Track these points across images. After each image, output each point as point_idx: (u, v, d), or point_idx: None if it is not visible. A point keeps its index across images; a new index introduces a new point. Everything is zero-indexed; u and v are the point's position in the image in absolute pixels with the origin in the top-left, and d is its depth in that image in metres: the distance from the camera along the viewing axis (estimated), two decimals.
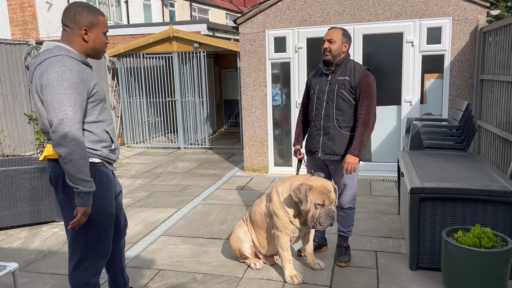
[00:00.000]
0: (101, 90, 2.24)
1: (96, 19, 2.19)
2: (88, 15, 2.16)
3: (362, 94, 3.17)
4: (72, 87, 2.02)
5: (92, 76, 2.19)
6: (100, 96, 2.22)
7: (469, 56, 5.54)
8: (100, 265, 2.34)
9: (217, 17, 24.83)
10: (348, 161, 3.14)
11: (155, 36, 8.45)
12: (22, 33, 13.72)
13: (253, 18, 6.21)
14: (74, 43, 2.19)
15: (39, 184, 4.30)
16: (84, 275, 2.28)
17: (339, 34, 3.20)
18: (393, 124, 5.97)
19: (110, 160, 2.32)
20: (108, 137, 2.27)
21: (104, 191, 2.26)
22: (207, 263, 3.47)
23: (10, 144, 7.50)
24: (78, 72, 2.07)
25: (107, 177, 2.29)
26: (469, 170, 3.38)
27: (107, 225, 2.31)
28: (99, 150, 2.22)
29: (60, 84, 2.00)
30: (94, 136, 2.20)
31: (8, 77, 7.47)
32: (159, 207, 4.98)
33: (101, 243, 2.30)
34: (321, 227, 2.89)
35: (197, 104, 8.73)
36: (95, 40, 2.21)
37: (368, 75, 3.18)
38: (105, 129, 2.26)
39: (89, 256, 2.27)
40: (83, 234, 2.23)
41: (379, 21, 5.74)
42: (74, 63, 2.09)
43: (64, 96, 2.00)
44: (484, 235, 2.70)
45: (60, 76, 2.01)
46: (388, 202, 4.86)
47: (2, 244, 3.99)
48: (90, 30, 2.18)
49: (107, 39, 2.28)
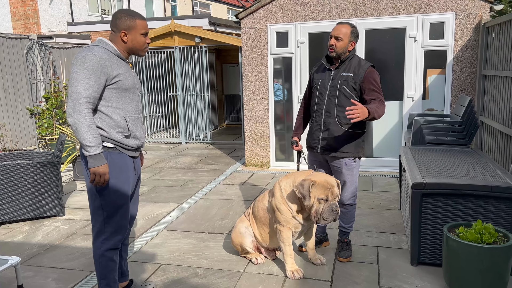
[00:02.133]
0: (126, 81, 2.46)
1: (133, 23, 2.46)
2: (126, 20, 2.45)
3: (369, 88, 3.11)
4: (90, 68, 2.31)
5: (119, 67, 2.44)
6: (124, 86, 2.46)
7: (472, 52, 5.51)
8: (117, 241, 2.56)
9: (219, 11, 24.76)
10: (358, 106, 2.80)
11: (156, 30, 8.43)
12: (23, 27, 13.70)
13: (255, 12, 6.19)
14: (117, 43, 2.49)
15: (41, 178, 4.30)
16: (101, 246, 2.53)
17: (348, 31, 3.11)
18: (395, 119, 5.96)
19: (125, 146, 2.51)
20: (125, 124, 2.48)
21: (116, 171, 2.47)
22: (208, 257, 3.48)
23: (12, 139, 7.51)
24: (101, 59, 2.34)
25: (121, 159, 2.51)
26: (471, 166, 3.37)
27: (121, 202, 2.52)
28: (112, 134, 2.45)
29: (81, 65, 2.32)
30: (111, 120, 2.44)
31: (10, 72, 7.47)
32: (161, 201, 4.99)
33: (117, 218, 2.53)
34: (324, 222, 2.89)
35: (199, 99, 8.72)
36: (133, 41, 2.49)
37: (372, 71, 3.15)
38: (125, 116, 2.49)
39: (106, 229, 2.52)
40: (100, 208, 2.50)
41: (381, 16, 5.71)
42: (101, 52, 2.37)
43: (80, 74, 2.31)
44: (485, 231, 2.69)
45: (84, 58, 2.33)
46: (389, 198, 4.86)
47: (4, 238, 4.00)
48: (128, 32, 2.46)
49: (147, 39, 2.53)
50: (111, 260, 2.56)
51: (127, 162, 2.54)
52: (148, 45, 2.56)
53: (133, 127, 2.54)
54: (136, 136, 2.57)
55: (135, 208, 2.80)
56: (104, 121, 2.44)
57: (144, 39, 2.52)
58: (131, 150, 2.57)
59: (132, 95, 2.54)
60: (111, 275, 2.57)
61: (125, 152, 2.53)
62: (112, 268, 2.57)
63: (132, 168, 2.61)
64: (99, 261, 2.54)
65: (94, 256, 2.56)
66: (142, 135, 2.64)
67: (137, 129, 2.58)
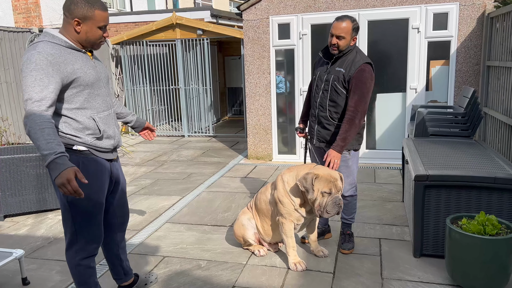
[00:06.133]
0: (86, 76, 2.17)
1: (91, 13, 2.12)
2: (83, 7, 2.11)
3: (353, 89, 3.03)
4: (38, 68, 2.01)
5: (73, 61, 2.13)
6: (84, 82, 2.16)
7: (476, 42, 5.46)
8: (92, 249, 2.36)
9: (221, 3, 24.60)
10: (330, 154, 3.06)
11: (158, 23, 8.39)
12: (25, 20, 13.67)
13: (257, 4, 6.14)
14: (68, 32, 2.16)
15: (44, 172, 4.32)
16: (75, 256, 2.32)
17: (349, 28, 3.01)
18: (398, 111, 5.93)
19: (99, 148, 2.26)
20: (94, 125, 2.22)
21: (89, 179, 2.22)
22: (211, 250, 3.49)
23: (15, 133, 7.53)
24: (48, 55, 2.04)
25: (95, 165, 2.25)
26: (475, 157, 3.36)
27: (94, 212, 2.29)
28: (83, 137, 2.19)
29: (28, 67, 2.02)
30: (77, 123, 2.17)
31: (12, 65, 7.47)
32: (164, 194, 5.00)
33: (90, 229, 2.31)
34: (328, 215, 2.89)
35: (201, 92, 8.70)
36: (88, 33, 2.16)
37: (363, 70, 3.01)
38: (93, 116, 2.22)
39: (79, 240, 2.30)
40: (70, 219, 2.27)
41: (384, 7, 5.66)
42: (48, 47, 2.06)
43: (29, 78, 2.01)
44: (488, 223, 2.69)
45: (28, 59, 2.03)
46: (392, 190, 4.85)
47: (9, 231, 4.03)
48: (83, 22, 2.13)
49: (106, 32, 2.20)
50: (88, 268, 2.36)
51: (102, 168, 2.28)
52: (104, 39, 2.22)
53: (105, 126, 2.27)
54: (110, 136, 2.31)
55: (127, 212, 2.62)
56: (70, 125, 2.16)
57: (101, 32, 2.18)
58: (106, 152, 2.31)
59: (97, 90, 2.23)
60: (91, 280, 2.39)
61: (100, 156, 2.26)
62: (91, 274, 2.38)
63: (108, 172, 2.35)
64: (76, 270, 2.34)
65: (69, 265, 2.34)
66: (116, 133, 2.36)
67: (110, 127, 2.31)
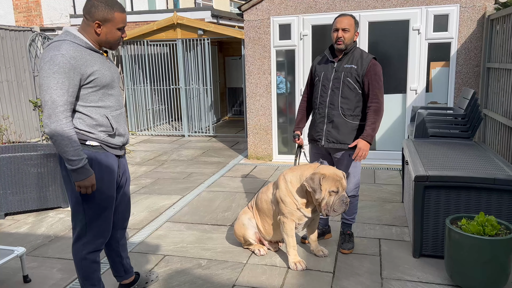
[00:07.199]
0: (103, 77, 2.26)
1: (111, 15, 2.21)
2: (103, 10, 2.19)
3: (372, 83, 3.15)
4: (61, 71, 2.09)
5: (93, 62, 2.22)
6: (101, 83, 2.26)
7: (476, 44, 5.48)
8: (99, 244, 2.43)
9: (222, 3, 24.62)
10: (361, 146, 3.12)
11: (159, 23, 8.40)
12: (26, 19, 13.68)
13: (258, 4, 6.16)
14: (88, 33, 2.24)
15: (45, 170, 4.33)
16: (82, 250, 2.39)
17: (352, 22, 3.15)
18: (398, 112, 5.95)
19: (111, 144, 2.36)
20: (107, 123, 2.32)
21: (101, 173, 2.32)
22: (211, 249, 3.50)
23: (16, 131, 7.54)
24: (71, 58, 2.11)
25: (107, 159, 2.35)
26: (474, 158, 3.37)
27: (104, 205, 2.37)
28: (96, 133, 2.28)
29: (51, 68, 2.08)
30: (91, 120, 2.26)
31: (13, 64, 7.48)
32: (164, 194, 5.01)
33: (99, 223, 2.39)
34: (335, 214, 2.92)
35: (201, 92, 8.72)
36: (107, 34, 2.25)
37: (375, 64, 3.17)
38: (106, 114, 2.31)
39: (88, 233, 2.37)
40: (81, 212, 2.34)
41: (385, 8, 5.68)
42: (71, 49, 2.13)
43: (52, 80, 2.08)
44: (488, 223, 2.70)
45: (52, 60, 2.09)
46: (392, 191, 4.87)
47: (10, 229, 4.04)
48: (103, 24, 2.22)
49: (124, 33, 2.30)
50: (93, 262, 2.43)
51: (113, 163, 2.39)
52: (122, 39, 2.33)
53: (117, 124, 2.37)
54: (121, 133, 2.42)
55: (128, 209, 2.67)
56: (84, 121, 2.25)
57: (120, 33, 2.28)
58: (116, 149, 2.42)
59: (111, 90, 2.34)
60: (94, 275, 2.45)
61: (110, 151, 2.37)
62: (95, 269, 2.45)
63: (117, 168, 2.46)
64: (81, 264, 2.41)
65: (75, 258, 2.41)
66: (126, 131, 2.48)
67: (121, 126, 2.41)
